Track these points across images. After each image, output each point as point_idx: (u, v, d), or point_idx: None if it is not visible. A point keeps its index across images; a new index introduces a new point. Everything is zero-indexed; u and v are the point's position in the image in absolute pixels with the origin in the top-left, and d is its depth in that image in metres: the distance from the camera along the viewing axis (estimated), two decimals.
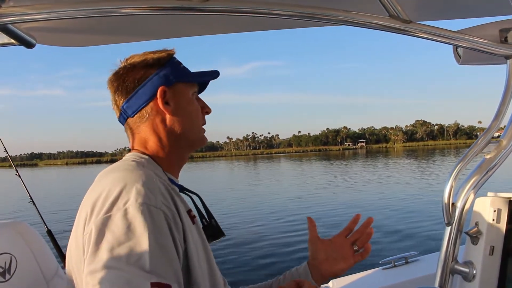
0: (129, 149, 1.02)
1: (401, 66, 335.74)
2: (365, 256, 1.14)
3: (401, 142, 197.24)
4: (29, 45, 1.18)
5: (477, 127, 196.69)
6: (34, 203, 2.64)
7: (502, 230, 1.33)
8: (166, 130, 0.97)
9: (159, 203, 0.78)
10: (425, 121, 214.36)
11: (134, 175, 0.81)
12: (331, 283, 2.03)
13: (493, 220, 1.33)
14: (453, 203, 1.32)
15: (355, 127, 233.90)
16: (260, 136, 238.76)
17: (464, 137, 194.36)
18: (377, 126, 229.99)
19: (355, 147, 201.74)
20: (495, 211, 1.33)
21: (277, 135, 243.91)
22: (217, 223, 1.07)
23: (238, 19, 1.23)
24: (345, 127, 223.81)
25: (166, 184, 0.88)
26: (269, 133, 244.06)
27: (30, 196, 2.65)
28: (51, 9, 0.92)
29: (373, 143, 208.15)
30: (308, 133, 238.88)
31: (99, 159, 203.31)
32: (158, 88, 0.95)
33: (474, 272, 1.32)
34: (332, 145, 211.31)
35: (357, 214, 1.16)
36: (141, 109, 0.97)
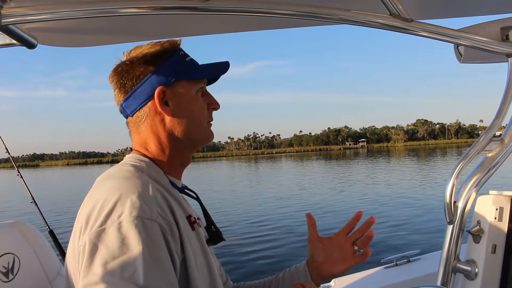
0: (131, 148, 1.00)
1: (402, 65, 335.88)
2: (366, 258, 1.10)
3: (402, 141, 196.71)
4: (31, 46, 1.18)
5: (479, 126, 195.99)
6: (36, 204, 2.65)
7: (504, 228, 1.33)
8: (166, 131, 0.94)
9: (154, 215, 0.77)
10: (426, 120, 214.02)
11: (130, 184, 0.80)
12: (333, 282, 2.03)
13: (495, 218, 1.32)
14: (455, 202, 1.31)
15: (356, 126, 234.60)
16: (261, 136, 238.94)
17: (465, 136, 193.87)
18: (378, 125, 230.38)
19: (356, 146, 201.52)
20: (497, 210, 1.33)
21: (279, 135, 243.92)
22: (217, 228, 1.03)
23: (239, 19, 1.23)
24: (346, 126, 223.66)
25: (164, 190, 0.86)
26: (271, 133, 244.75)
27: (32, 196, 2.66)
28: (52, 9, 0.92)
29: (374, 142, 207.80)
30: (309, 133, 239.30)
31: (100, 159, 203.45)
32: (156, 88, 0.91)
33: (476, 270, 1.32)
34: (333, 144, 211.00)
35: (359, 211, 1.11)
36: (139, 109, 0.93)
